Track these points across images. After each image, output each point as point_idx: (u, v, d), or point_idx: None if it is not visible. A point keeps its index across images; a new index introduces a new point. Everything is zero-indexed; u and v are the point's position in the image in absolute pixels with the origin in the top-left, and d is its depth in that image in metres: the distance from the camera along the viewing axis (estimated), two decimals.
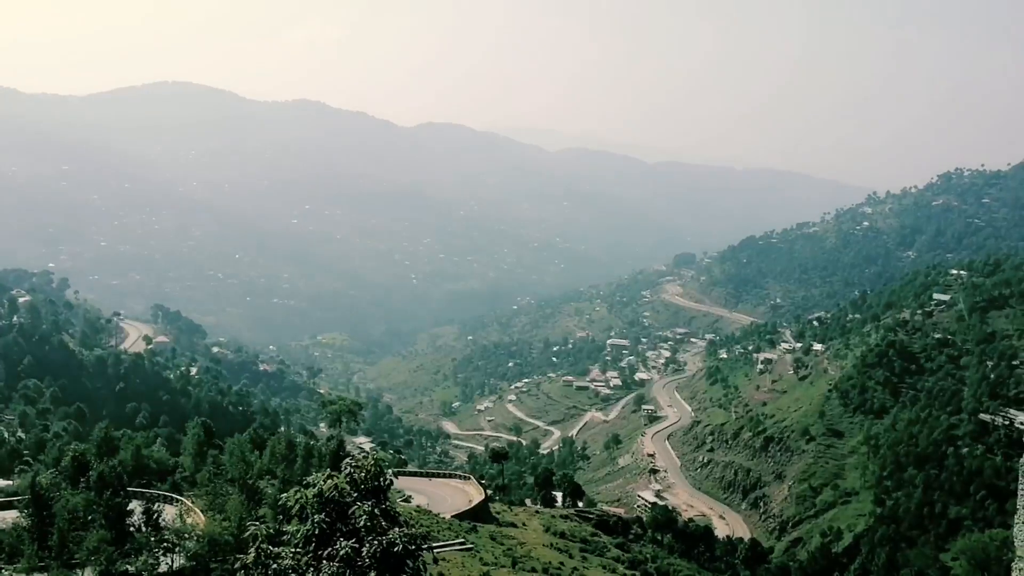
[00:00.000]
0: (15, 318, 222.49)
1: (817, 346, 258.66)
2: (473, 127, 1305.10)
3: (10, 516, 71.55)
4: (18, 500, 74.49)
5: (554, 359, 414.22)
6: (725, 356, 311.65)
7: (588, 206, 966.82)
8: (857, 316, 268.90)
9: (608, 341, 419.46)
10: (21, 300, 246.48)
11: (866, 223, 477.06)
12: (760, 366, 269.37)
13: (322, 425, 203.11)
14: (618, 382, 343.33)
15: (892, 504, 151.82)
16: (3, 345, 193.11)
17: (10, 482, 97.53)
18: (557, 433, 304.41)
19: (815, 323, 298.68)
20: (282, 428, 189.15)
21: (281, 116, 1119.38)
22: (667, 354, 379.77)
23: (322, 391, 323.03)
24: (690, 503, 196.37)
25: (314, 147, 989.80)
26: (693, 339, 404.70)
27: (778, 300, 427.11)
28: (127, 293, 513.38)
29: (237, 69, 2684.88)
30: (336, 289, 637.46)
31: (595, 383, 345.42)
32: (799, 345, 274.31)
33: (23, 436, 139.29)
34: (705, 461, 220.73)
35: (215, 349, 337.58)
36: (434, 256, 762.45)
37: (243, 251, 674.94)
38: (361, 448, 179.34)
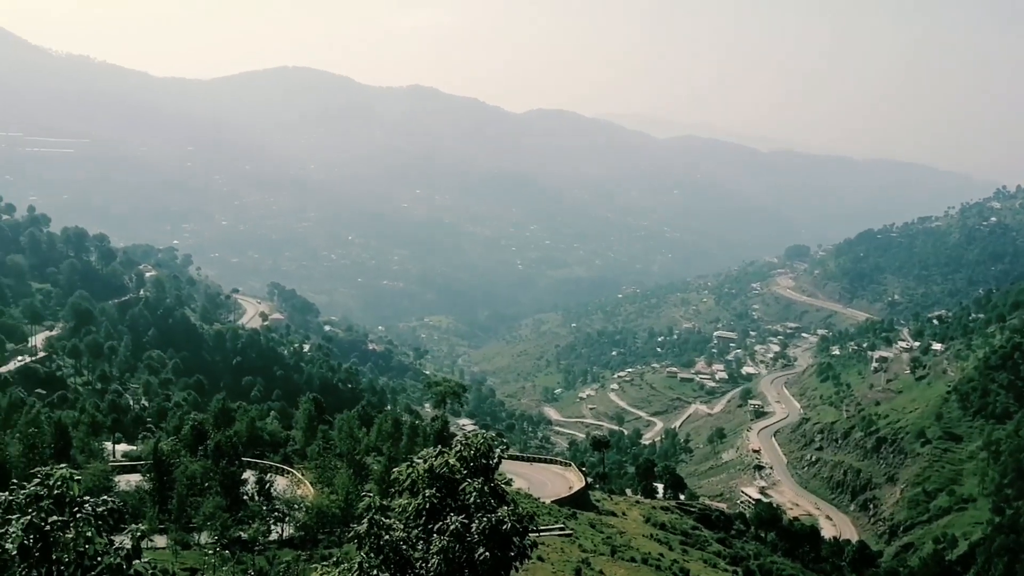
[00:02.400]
0: (142, 292, 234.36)
1: (936, 346, 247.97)
2: (583, 114, 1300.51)
3: (134, 479, 75.66)
4: (141, 464, 78.73)
5: (658, 349, 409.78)
6: (838, 353, 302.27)
7: (698, 195, 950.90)
8: (981, 316, 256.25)
9: (715, 333, 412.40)
10: (148, 275, 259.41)
11: (994, 219, 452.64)
12: (875, 364, 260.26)
13: (427, 405, 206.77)
14: (724, 375, 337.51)
15: (1012, 513, 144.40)
16: (130, 317, 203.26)
17: (134, 447, 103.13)
18: (659, 424, 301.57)
19: (935, 322, 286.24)
20: (388, 407, 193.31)
21: (396, 101, 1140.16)
22: (776, 348, 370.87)
23: (427, 372, 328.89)
24: (795, 501, 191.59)
25: (427, 132, 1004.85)
26: (804, 334, 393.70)
27: (896, 297, 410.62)
28: (245, 271, 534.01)
29: (355, 55, 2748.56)
30: (444, 272, 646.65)
31: (700, 375, 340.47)
32: (917, 344, 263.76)
33: (146, 404, 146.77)
34: (813, 460, 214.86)
35: (327, 327, 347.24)
36: (540, 242, 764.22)
37: (356, 233, 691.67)
38: (464, 429, 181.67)
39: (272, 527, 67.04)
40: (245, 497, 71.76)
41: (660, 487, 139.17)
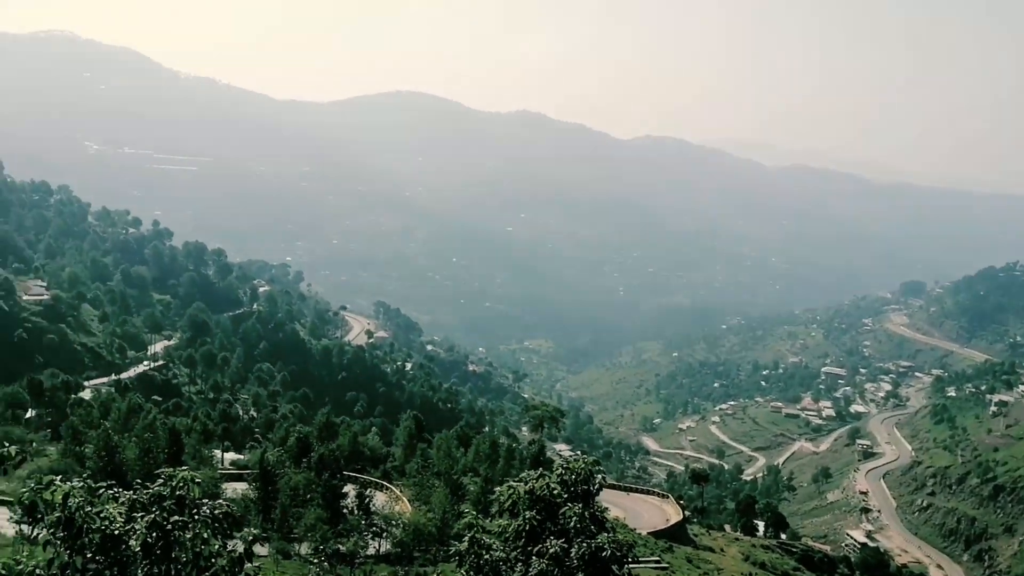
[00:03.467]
0: (255, 306, 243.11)
1: None
2: (691, 140, 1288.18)
3: (240, 487, 78.10)
4: (248, 473, 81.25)
5: (763, 383, 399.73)
6: (954, 394, 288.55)
7: (808, 226, 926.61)
8: None
9: (823, 369, 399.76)
10: (261, 290, 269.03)
11: None
12: (993, 408, 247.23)
13: (524, 429, 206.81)
14: (831, 413, 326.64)
15: None
16: (243, 330, 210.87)
17: (242, 456, 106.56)
18: (762, 460, 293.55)
19: None
20: (486, 428, 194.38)
21: (503, 127, 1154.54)
22: (887, 387, 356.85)
23: (526, 395, 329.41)
24: (904, 548, 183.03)
25: (533, 157, 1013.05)
26: (918, 373, 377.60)
27: (1018, 338, 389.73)
28: (353, 289, 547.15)
29: (466, 81, 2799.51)
30: (545, 296, 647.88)
31: (806, 412, 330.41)
32: None
33: (255, 415, 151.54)
34: (924, 505, 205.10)
35: (429, 347, 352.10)
36: (643, 269, 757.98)
37: (460, 255, 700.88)
38: (560, 455, 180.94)
39: (370, 542, 68.05)
40: (345, 510, 73.12)
41: (760, 525, 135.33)
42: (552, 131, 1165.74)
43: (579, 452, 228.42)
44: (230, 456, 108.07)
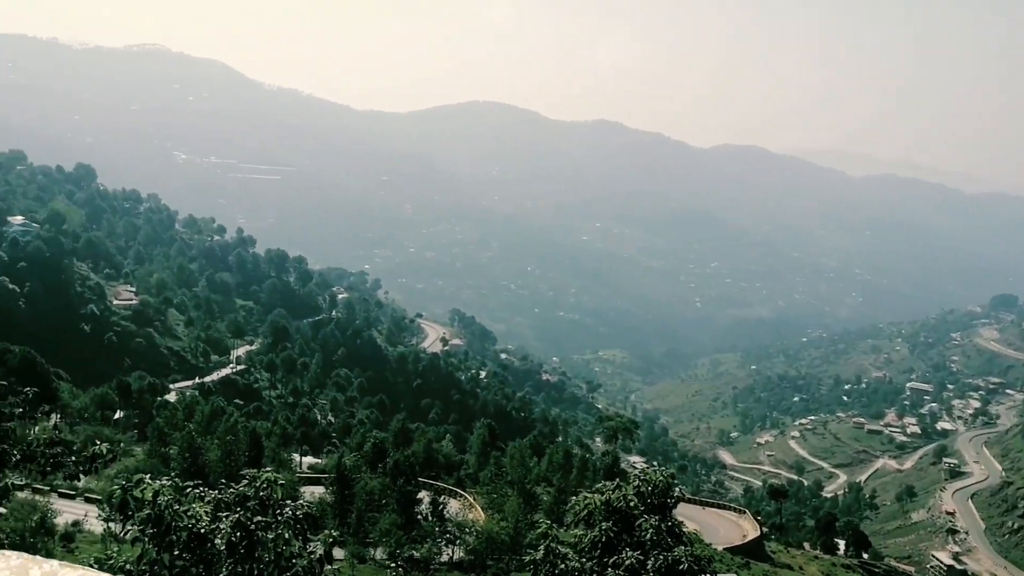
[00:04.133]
0: (334, 312, 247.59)
1: None
2: (772, 150, 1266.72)
3: (317, 491, 79.51)
4: (325, 477, 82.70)
5: (844, 398, 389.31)
6: None
7: (894, 237, 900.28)
8: None
9: (908, 384, 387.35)
10: (340, 297, 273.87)
11: None
12: None
13: (598, 439, 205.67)
14: (916, 430, 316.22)
15: None
16: (322, 336, 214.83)
17: (319, 460, 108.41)
18: (843, 477, 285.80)
19: None
20: (560, 438, 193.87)
21: (580, 136, 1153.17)
22: (976, 404, 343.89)
23: (600, 406, 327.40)
24: (993, 572, 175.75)
25: (610, 167, 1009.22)
26: (1009, 391, 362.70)
27: None
28: (429, 296, 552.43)
29: (543, 90, 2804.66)
30: (619, 306, 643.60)
31: (890, 428, 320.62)
32: None
33: (332, 420, 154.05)
34: (1015, 527, 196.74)
35: (503, 355, 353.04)
36: (720, 280, 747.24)
37: (535, 264, 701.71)
38: (634, 467, 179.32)
39: (443, 548, 68.48)
40: (419, 517, 73.76)
41: (841, 543, 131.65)
42: (629, 140, 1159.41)
43: (654, 465, 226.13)
44: (308, 460, 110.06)
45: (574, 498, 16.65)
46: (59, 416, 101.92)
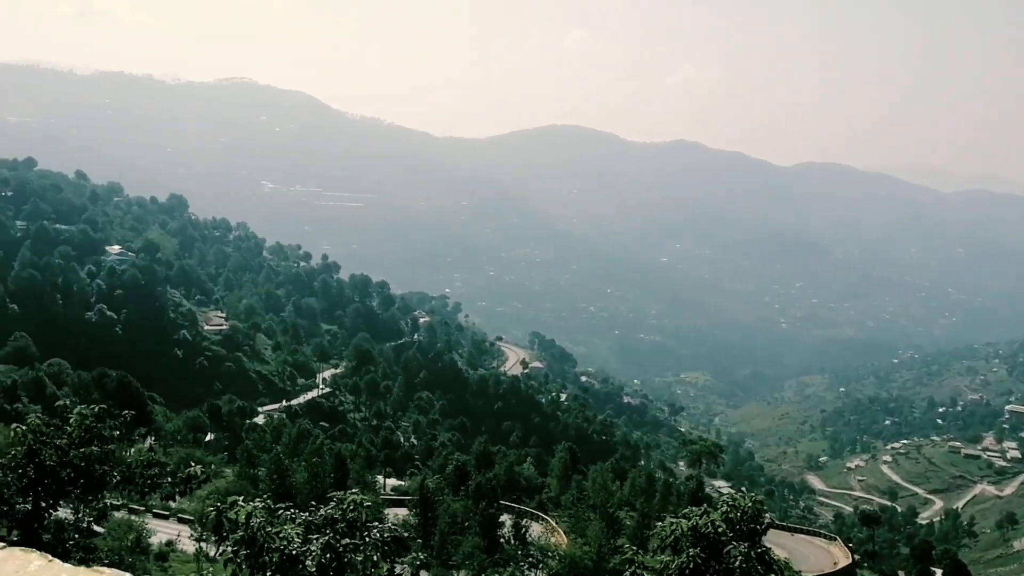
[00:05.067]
0: (416, 336, 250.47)
1: None
2: (857, 167, 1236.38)
3: (401, 513, 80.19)
4: (408, 500, 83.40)
5: (939, 421, 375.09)
6: None
7: (988, 255, 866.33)
8: None
9: (1007, 407, 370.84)
10: (422, 320, 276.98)
11: None
12: None
13: (681, 463, 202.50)
14: (1017, 454, 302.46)
15: None
16: (405, 359, 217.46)
17: (402, 483, 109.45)
18: (938, 503, 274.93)
19: None
20: (642, 462, 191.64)
21: (659, 156, 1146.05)
22: None
23: (683, 429, 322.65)
24: None
25: (689, 187, 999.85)
26: None
27: None
28: (509, 319, 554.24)
29: (620, 111, 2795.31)
30: (701, 328, 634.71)
31: (988, 453, 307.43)
32: None
33: (415, 442, 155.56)
34: None
35: (583, 378, 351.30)
36: (806, 300, 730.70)
37: (614, 286, 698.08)
38: (719, 491, 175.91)
39: (526, 572, 68.18)
40: (502, 540, 73.68)
41: (938, 572, 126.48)
42: (709, 159, 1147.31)
43: (741, 490, 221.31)
44: (391, 482, 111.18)
45: (659, 523, 16.43)
46: (153, 438, 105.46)
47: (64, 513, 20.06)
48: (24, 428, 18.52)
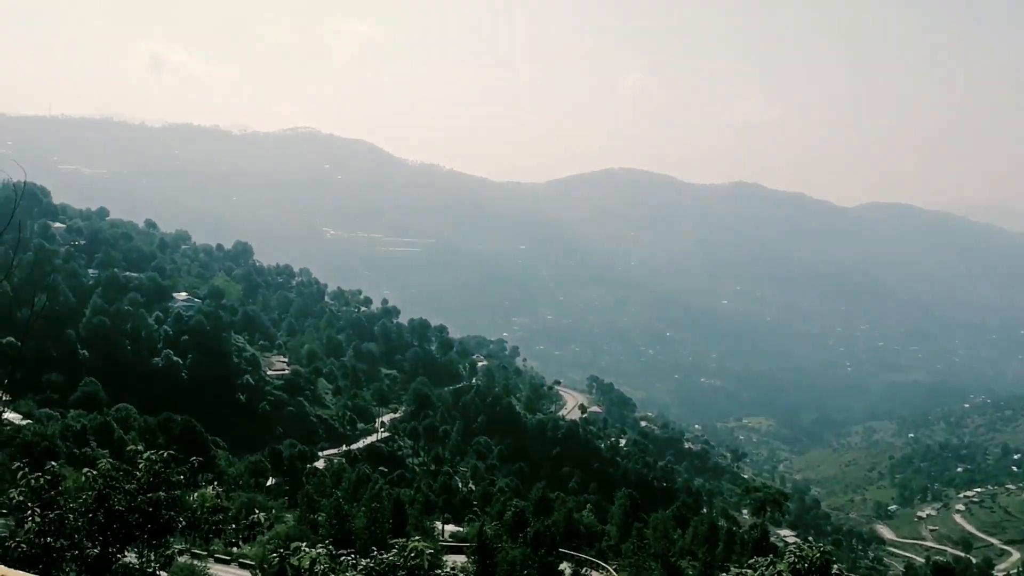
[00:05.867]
0: (474, 380, 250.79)
1: None
2: (921, 206, 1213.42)
3: (459, 560, 79.72)
4: (467, 546, 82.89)
5: (1015, 468, 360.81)
6: None
7: None
8: None
9: None
10: (480, 364, 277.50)
11: None
12: None
13: (745, 511, 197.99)
14: None
15: None
16: (463, 404, 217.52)
17: (460, 529, 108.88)
18: (1016, 554, 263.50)
19: None
20: (704, 509, 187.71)
21: (717, 197, 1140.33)
22: None
23: (746, 476, 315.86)
24: None
25: (749, 228, 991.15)
26: None
27: None
28: (567, 363, 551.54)
29: (677, 153, 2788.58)
30: (764, 372, 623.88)
31: None
32: None
33: (473, 488, 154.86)
34: None
35: (643, 423, 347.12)
36: (872, 343, 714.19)
37: (674, 329, 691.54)
38: (784, 540, 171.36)
39: None
40: None
41: None
42: (768, 200, 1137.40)
43: (808, 539, 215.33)
44: (450, 528, 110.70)
45: (723, 574, 16.11)
46: (216, 483, 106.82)
47: (130, 558, 20.44)
48: (95, 473, 18.99)
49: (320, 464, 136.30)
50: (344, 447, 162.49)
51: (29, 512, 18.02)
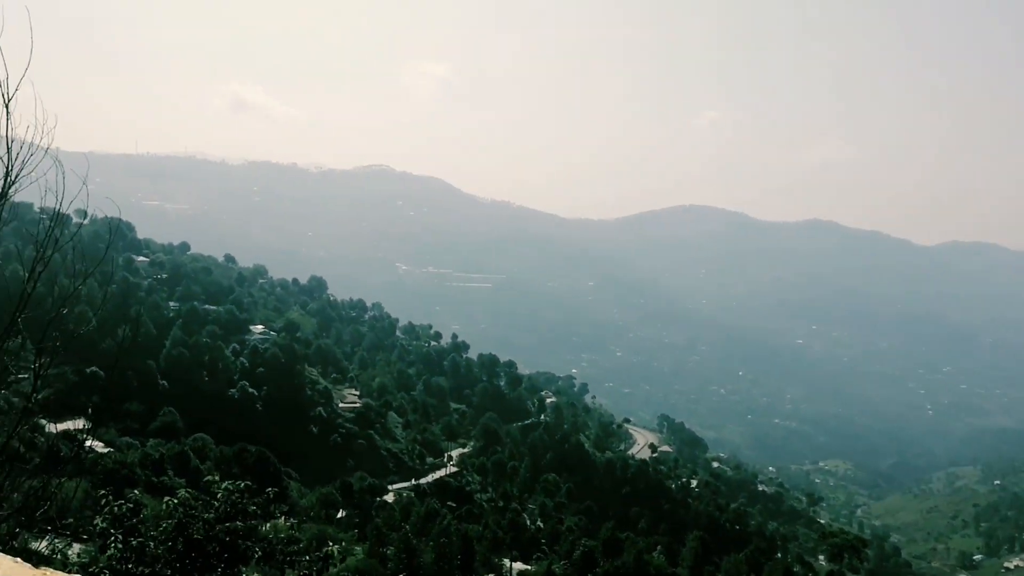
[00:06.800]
0: (542, 416, 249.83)
1: None
2: (1006, 245, 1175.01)
3: None
4: None
5: None
6: None
7: None
8: None
9: None
10: (548, 401, 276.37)
11: None
12: None
13: (821, 557, 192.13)
14: None
15: None
16: (531, 440, 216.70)
17: (528, 567, 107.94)
18: None
19: None
20: (779, 554, 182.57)
21: (792, 236, 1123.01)
22: None
23: (822, 521, 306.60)
24: None
25: (824, 267, 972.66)
26: None
27: None
28: (636, 401, 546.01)
29: (750, 190, 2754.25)
30: (840, 414, 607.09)
31: None
32: None
33: (541, 525, 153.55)
34: None
35: (715, 464, 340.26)
36: (955, 386, 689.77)
37: (746, 369, 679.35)
38: None
39: None
40: None
41: None
42: (845, 239, 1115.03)
43: None
44: (518, 566, 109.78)
45: None
46: (288, 514, 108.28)
47: None
48: (176, 501, 19.47)
49: (389, 497, 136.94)
50: (413, 481, 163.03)
51: (112, 539, 18.53)
